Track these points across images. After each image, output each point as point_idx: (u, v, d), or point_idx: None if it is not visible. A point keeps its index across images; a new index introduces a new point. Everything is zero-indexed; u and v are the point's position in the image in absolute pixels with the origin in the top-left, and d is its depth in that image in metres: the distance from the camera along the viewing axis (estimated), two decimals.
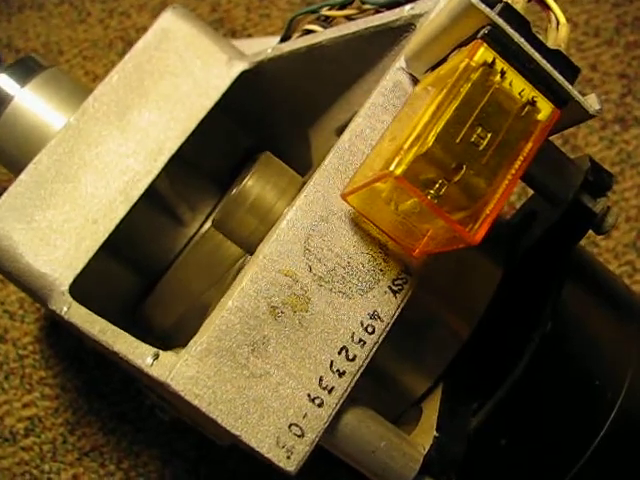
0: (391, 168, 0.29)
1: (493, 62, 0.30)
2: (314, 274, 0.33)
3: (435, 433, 0.35)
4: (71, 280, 0.44)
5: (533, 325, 0.37)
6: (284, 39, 0.47)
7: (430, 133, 0.29)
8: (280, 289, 0.33)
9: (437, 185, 0.29)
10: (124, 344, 0.36)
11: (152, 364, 0.33)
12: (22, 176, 0.44)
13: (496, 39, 0.30)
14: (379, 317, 0.34)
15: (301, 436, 0.32)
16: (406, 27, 0.38)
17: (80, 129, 0.45)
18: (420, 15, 0.37)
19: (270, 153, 0.42)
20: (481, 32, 0.30)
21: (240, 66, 0.48)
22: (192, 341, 0.32)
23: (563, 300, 0.37)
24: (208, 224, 0.50)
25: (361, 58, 0.42)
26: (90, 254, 0.44)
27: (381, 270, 0.34)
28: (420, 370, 0.38)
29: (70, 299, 0.43)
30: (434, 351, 0.37)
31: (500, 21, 0.30)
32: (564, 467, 0.36)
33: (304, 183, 0.41)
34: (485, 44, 0.30)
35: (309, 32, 0.46)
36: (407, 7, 0.38)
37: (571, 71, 0.32)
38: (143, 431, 0.57)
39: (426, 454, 0.34)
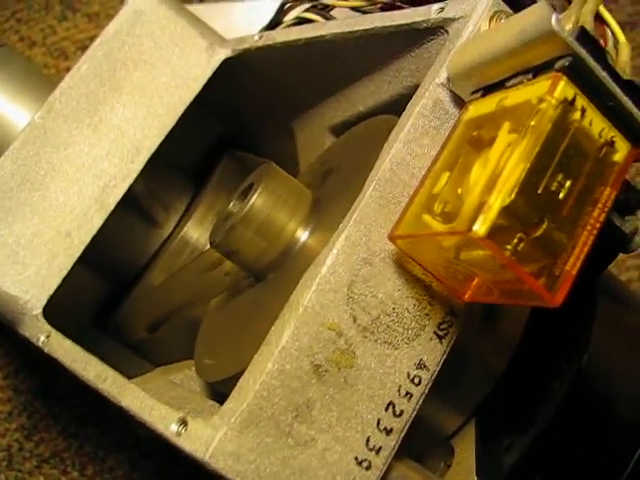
0: (475, 228, 0.24)
1: (574, 99, 0.26)
2: (358, 325, 0.29)
3: (475, 478, 0.32)
4: (44, 302, 0.38)
5: (566, 357, 0.34)
6: (272, 25, 0.41)
7: (512, 184, 0.25)
8: (324, 345, 0.28)
9: (515, 240, 0.25)
10: (136, 401, 0.30)
11: (179, 433, 0.28)
12: None
13: (578, 72, 0.26)
14: (425, 366, 0.30)
15: None
16: (433, 31, 0.33)
17: (46, 128, 0.39)
18: (453, 20, 0.32)
19: (274, 163, 0.36)
20: (560, 63, 0.26)
21: (222, 54, 0.42)
22: (227, 409, 0.27)
23: (595, 328, 0.34)
24: (187, 226, 0.45)
25: (370, 57, 0.37)
26: (64, 272, 0.38)
27: (427, 314, 0.30)
28: (452, 407, 0.34)
29: (47, 326, 0.37)
30: (468, 386, 0.34)
31: (582, 51, 0.26)
32: None
33: (314, 199, 0.36)
34: (565, 78, 0.26)
35: (304, 21, 0.40)
36: (435, 7, 0.33)
37: None
38: (108, 434, 0.52)
39: None
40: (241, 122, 0.47)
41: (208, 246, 0.37)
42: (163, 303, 0.42)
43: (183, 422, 0.28)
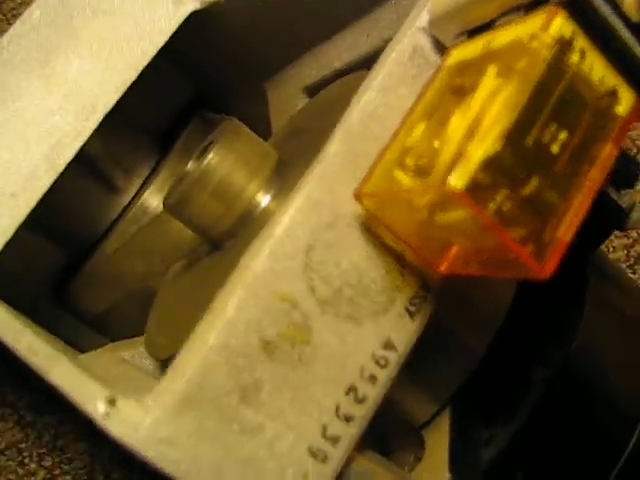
0: (450, 181, 0.20)
1: (572, 38, 0.22)
2: (317, 297, 0.24)
3: (448, 475, 0.28)
4: None
5: (554, 342, 0.30)
6: None
7: (497, 132, 0.20)
8: (275, 318, 0.24)
9: (499, 198, 0.21)
10: (64, 377, 0.26)
11: (107, 413, 0.23)
12: None
13: (578, 7, 0.22)
14: (393, 346, 0.25)
15: None
16: None
17: None
18: None
19: (237, 120, 0.32)
20: None
21: (190, 5, 0.37)
22: (162, 387, 0.23)
23: (586, 312, 0.30)
24: (147, 193, 0.40)
25: (346, 6, 0.33)
26: (8, 234, 0.34)
27: (397, 287, 0.25)
28: (425, 393, 0.30)
29: None
30: (444, 371, 0.30)
31: None
32: None
33: (280, 160, 0.32)
34: (563, 12, 0.21)
35: None
36: None
37: None
38: (67, 423, 0.47)
39: None
40: (212, 82, 0.43)
41: None
42: (118, 272, 0.38)
43: (111, 401, 0.24)
